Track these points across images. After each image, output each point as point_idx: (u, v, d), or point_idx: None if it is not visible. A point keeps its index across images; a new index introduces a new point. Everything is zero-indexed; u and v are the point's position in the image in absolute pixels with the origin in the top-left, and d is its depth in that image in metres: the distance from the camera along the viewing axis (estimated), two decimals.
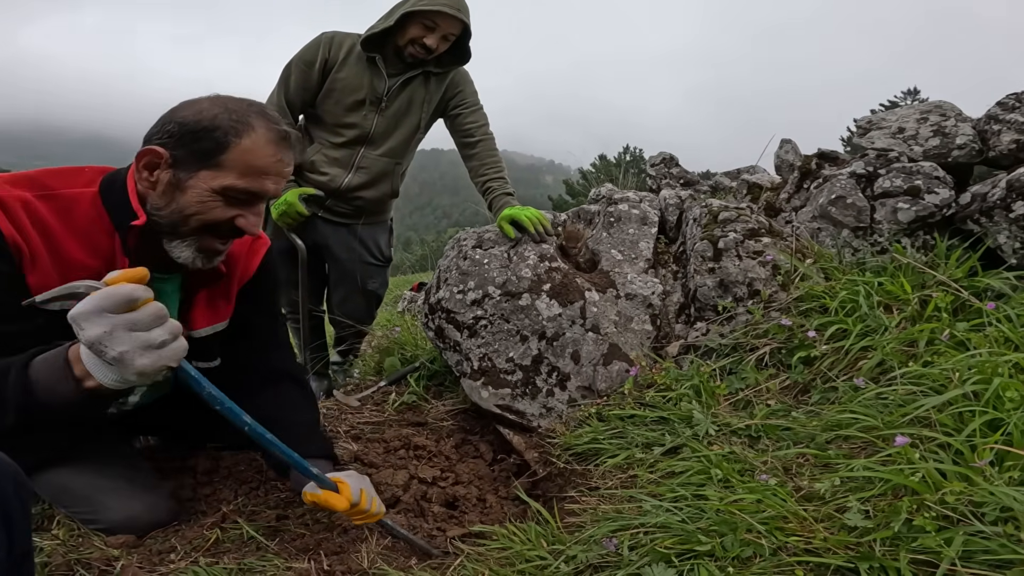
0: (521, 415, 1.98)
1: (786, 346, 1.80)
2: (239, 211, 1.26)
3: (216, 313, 1.51)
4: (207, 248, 1.29)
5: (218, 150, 1.21)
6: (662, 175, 3.82)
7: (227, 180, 1.22)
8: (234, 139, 1.21)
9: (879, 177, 2.18)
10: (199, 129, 1.21)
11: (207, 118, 1.22)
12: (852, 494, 1.18)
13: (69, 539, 1.45)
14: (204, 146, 1.21)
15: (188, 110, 1.24)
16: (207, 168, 1.22)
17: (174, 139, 1.22)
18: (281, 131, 1.27)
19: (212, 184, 1.22)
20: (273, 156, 1.25)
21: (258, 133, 1.23)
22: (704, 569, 1.10)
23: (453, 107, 2.52)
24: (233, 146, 1.21)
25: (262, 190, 1.26)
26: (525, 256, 2.17)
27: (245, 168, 1.22)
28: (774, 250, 2.05)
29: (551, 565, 1.27)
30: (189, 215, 1.24)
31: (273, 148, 1.25)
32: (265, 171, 1.25)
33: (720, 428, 1.58)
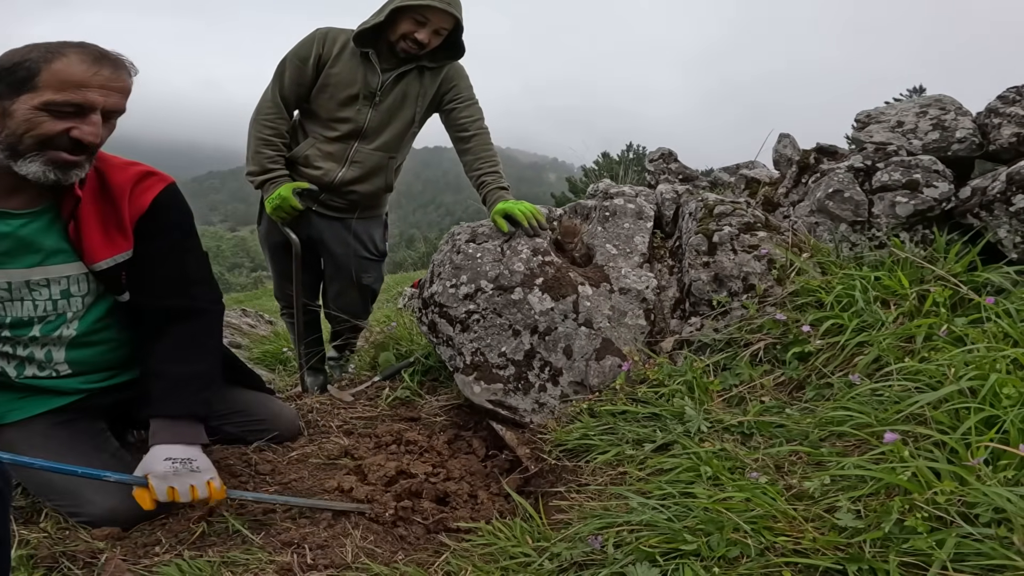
0: (513, 410, 1.96)
1: (781, 341, 1.77)
2: (71, 123, 1.35)
3: (113, 244, 1.54)
4: (55, 160, 1.37)
5: (31, 76, 1.32)
6: (661, 170, 3.78)
7: (44, 96, 1.32)
8: (44, 64, 1.33)
9: (877, 171, 2.14)
10: (11, 65, 1.33)
11: (20, 55, 1.35)
12: (843, 493, 1.16)
13: (56, 531, 1.44)
14: (19, 75, 1.32)
15: (4, 55, 1.37)
16: (26, 92, 1.32)
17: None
18: (96, 50, 1.38)
19: (33, 103, 1.32)
20: (88, 70, 1.35)
21: (70, 57, 1.34)
22: (689, 568, 1.08)
23: (448, 102, 2.51)
24: (44, 70, 1.32)
25: (84, 100, 1.35)
26: (518, 250, 2.15)
27: (60, 84, 1.32)
28: (770, 244, 2.02)
29: (535, 562, 1.25)
30: (21, 133, 1.34)
31: (87, 65, 1.35)
32: (83, 83, 1.34)
33: (712, 425, 1.55)
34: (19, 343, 1.55)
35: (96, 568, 1.30)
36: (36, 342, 1.56)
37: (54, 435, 1.55)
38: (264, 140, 2.38)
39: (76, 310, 1.57)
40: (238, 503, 1.61)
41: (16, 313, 1.51)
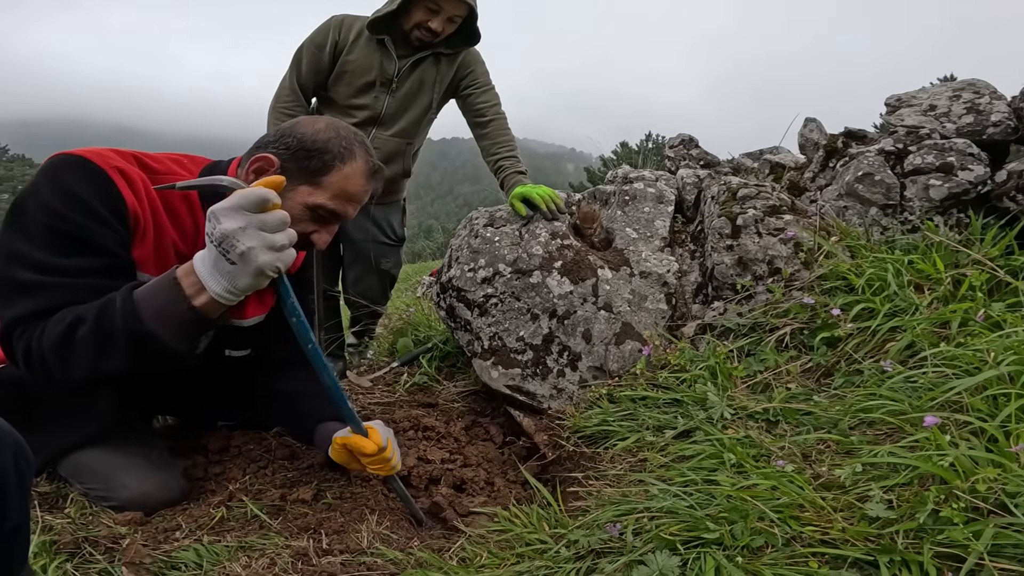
0: (531, 396, 1.93)
1: (808, 326, 1.71)
2: (317, 227, 1.36)
3: (263, 304, 1.56)
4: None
5: (323, 170, 1.32)
6: (681, 156, 3.70)
7: (321, 199, 1.33)
8: (339, 163, 1.33)
9: (910, 154, 2.08)
10: (313, 148, 1.32)
11: (322, 140, 1.33)
12: (875, 482, 1.11)
13: (79, 517, 1.45)
14: (313, 164, 1.32)
15: (307, 128, 1.35)
16: (308, 184, 1.32)
17: (289, 151, 1.33)
18: (374, 164, 1.40)
19: (308, 200, 1.32)
20: (363, 186, 1.37)
21: (357, 163, 1.35)
22: (711, 558, 1.04)
23: (464, 87, 2.49)
24: (335, 170, 1.33)
25: (344, 213, 1.37)
26: (536, 233, 2.11)
27: (338, 192, 1.34)
28: (796, 227, 1.95)
29: (551, 549, 1.22)
30: None
31: (365, 179, 1.37)
32: (352, 197, 1.36)
33: (736, 411, 1.50)
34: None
35: (118, 553, 1.30)
36: None
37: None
38: None
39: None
40: (257, 487, 1.61)
41: None
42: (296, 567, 1.27)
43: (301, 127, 1.36)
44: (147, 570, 1.25)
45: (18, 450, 0.90)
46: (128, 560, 1.26)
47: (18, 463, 0.89)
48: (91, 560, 1.28)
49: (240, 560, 1.28)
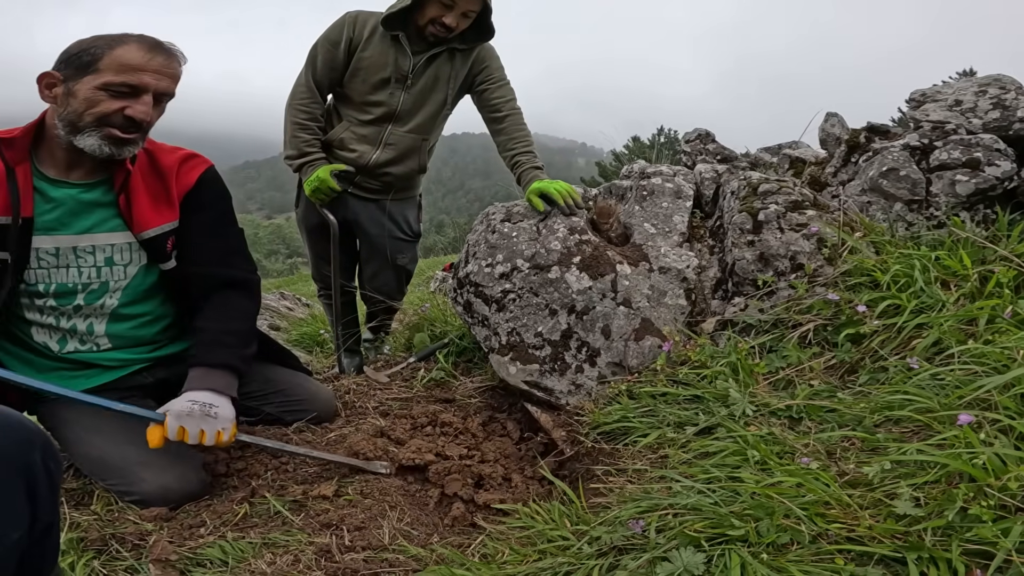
0: (549, 392, 1.92)
1: (832, 323, 1.69)
2: (125, 102, 1.47)
3: (161, 215, 1.65)
4: (109, 136, 1.48)
5: (94, 60, 1.45)
6: (697, 151, 3.68)
7: (104, 78, 1.45)
8: (107, 50, 1.46)
9: (935, 149, 2.05)
10: (79, 51, 1.47)
11: (87, 41, 1.48)
12: (902, 480, 1.10)
13: (106, 514, 1.47)
14: (84, 59, 1.46)
15: (73, 43, 1.50)
16: (89, 74, 1.46)
17: (63, 63, 1.48)
18: (152, 40, 1.51)
19: (94, 84, 1.45)
20: (144, 55, 1.48)
21: (129, 45, 1.48)
22: (736, 555, 1.04)
23: (480, 83, 2.48)
24: (106, 55, 1.46)
25: (139, 82, 1.47)
26: (554, 229, 2.10)
27: (118, 67, 1.45)
28: (819, 223, 1.93)
29: (573, 546, 1.22)
30: (82, 111, 1.46)
31: (144, 51, 1.48)
32: (139, 67, 1.47)
33: (758, 408, 1.49)
34: (63, 314, 1.61)
35: (144, 550, 1.31)
36: (79, 312, 1.63)
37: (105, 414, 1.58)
38: (300, 124, 2.39)
39: (118, 279, 1.64)
40: (279, 483, 1.62)
41: (61, 279, 1.59)
42: (319, 564, 1.28)
43: (71, 44, 1.50)
44: (173, 567, 1.26)
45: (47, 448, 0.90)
46: (155, 557, 1.27)
47: (47, 462, 0.89)
48: (118, 557, 1.29)
49: (264, 557, 1.29)
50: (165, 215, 1.66)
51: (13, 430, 0.86)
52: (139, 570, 1.25)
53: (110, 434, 1.56)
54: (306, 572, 1.24)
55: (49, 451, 0.91)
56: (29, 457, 0.87)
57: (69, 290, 1.60)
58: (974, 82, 2.39)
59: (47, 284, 1.58)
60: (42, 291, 1.58)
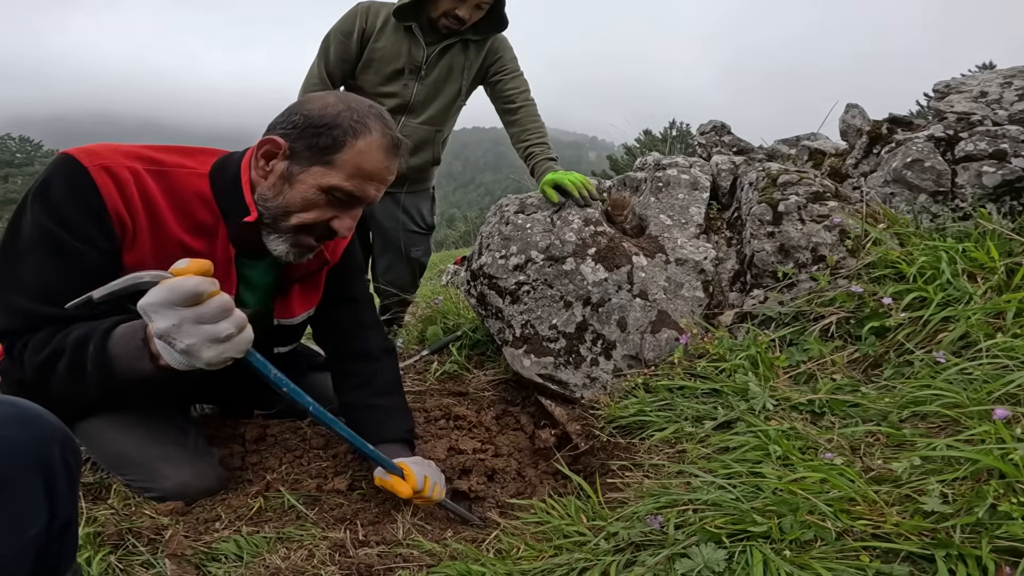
0: (564, 385, 1.90)
1: (855, 316, 1.65)
2: (337, 212, 1.28)
3: (309, 299, 1.54)
4: (301, 244, 1.31)
5: (334, 147, 1.22)
6: (712, 143, 3.62)
7: (335, 180, 1.23)
8: (351, 139, 1.22)
9: (960, 140, 2.01)
10: (321, 124, 1.22)
11: (331, 114, 1.23)
12: (929, 477, 1.07)
13: (123, 508, 1.46)
14: (322, 141, 1.22)
15: (315, 104, 1.25)
16: (320, 164, 1.23)
17: (296, 130, 1.24)
18: (394, 138, 1.28)
19: (321, 181, 1.23)
20: (382, 163, 1.26)
21: (373, 137, 1.24)
22: (758, 551, 1.01)
23: (493, 74, 2.46)
24: (348, 146, 1.22)
25: (363, 194, 1.27)
26: (569, 220, 2.07)
27: (354, 170, 1.23)
28: (842, 214, 1.89)
29: (590, 541, 1.20)
30: (292, 211, 1.26)
31: (383, 155, 1.26)
32: (371, 176, 1.26)
33: (779, 402, 1.46)
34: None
35: (160, 545, 1.31)
36: None
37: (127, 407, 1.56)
38: None
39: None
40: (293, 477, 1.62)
41: None
42: (334, 559, 1.27)
43: (309, 103, 1.26)
44: (189, 562, 1.26)
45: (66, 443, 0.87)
46: (170, 552, 1.27)
47: (66, 457, 0.87)
48: (134, 552, 1.29)
49: (279, 552, 1.28)
50: (312, 298, 1.55)
51: (32, 425, 0.84)
52: (155, 565, 1.25)
53: (131, 429, 1.53)
54: (320, 567, 1.23)
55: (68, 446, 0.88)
56: (48, 452, 0.85)
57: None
58: (999, 73, 2.34)
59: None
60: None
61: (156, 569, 1.24)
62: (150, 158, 1.28)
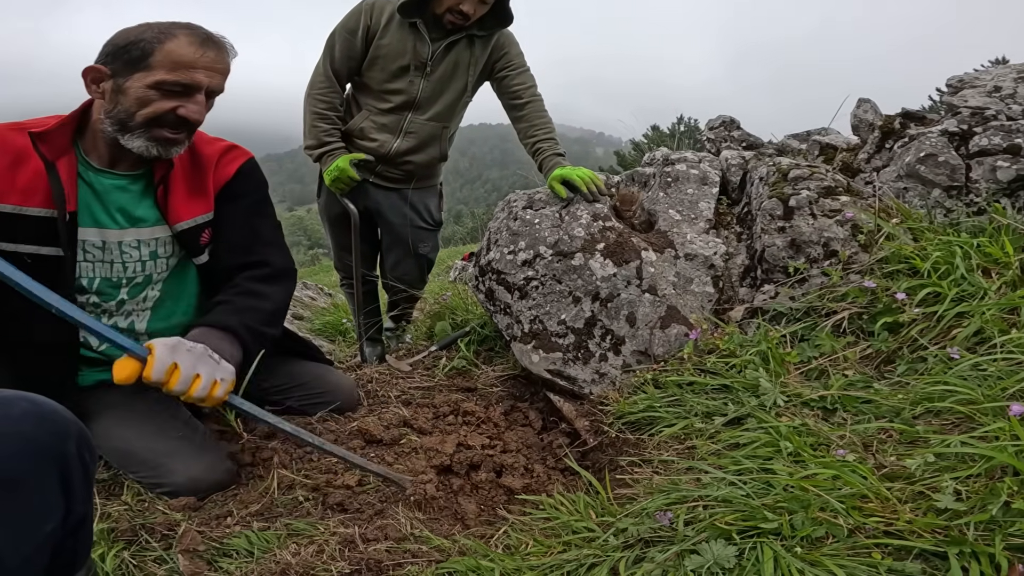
0: (572, 381, 1.90)
1: (868, 311, 1.64)
2: (178, 102, 1.43)
3: (195, 206, 1.62)
4: (158, 137, 1.45)
5: (145, 55, 1.39)
6: (722, 138, 3.60)
7: (157, 76, 1.39)
8: (157, 45, 1.39)
9: (975, 135, 1.99)
10: (127, 43, 1.40)
11: (134, 33, 1.41)
12: (943, 474, 1.06)
13: (136, 504, 1.47)
14: (133, 54, 1.39)
15: (119, 34, 1.43)
16: (139, 71, 1.40)
17: (110, 56, 1.41)
18: (203, 33, 1.44)
19: (145, 81, 1.39)
20: (196, 51, 1.41)
21: (179, 38, 1.41)
22: (768, 548, 1.00)
23: (499, 69, 2.45)
24: (157, 50, 1.39)
25: (192, 81, 1.42)
26: (577, 215, 2.07)
27: (171, 64, 1.39)
28: (854, 209, 1.87)
29: (599, 537, 1.19)
30: (133, 111, 1.41)
31: (195, 47, 1.41)
32: (191, 64, 1.41)
33: (790, 399, 1.45)
34: (104, 311, 1.58)
35: (173, 540, 1.32)
36: (121, 309, 1.60)
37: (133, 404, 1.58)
38: (319, 114, 2.38)
39: (160, 271, 1.63)
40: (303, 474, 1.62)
41: (106, 274, 1.56)
42: (343, 554, 1.27)
43: (114, 36, 1.43)
44: (201, 557, 1.27)
45: (81, 439, 0.88)
46: (183, 548, 1.27)
47: (82, 453, 0.88)
48: (147, 548, 1.30)
49: (289, 547, 1.28)
50: (199, 207, 1.62)
51: (48, 421, 0.85)
52: (168, 561, 1.26)
53: (138, 426, 1.55)
54: (330, 563, 1.23)
55: (84, 442, 0.89)
56: (64, 447, 0.85)
57: (113, 284, 1.57)
58: (1012, 68, 2.33)
59: (91, 279, 1.54)
60: (85, 286, 1.54)
61: (169, 565, 1.25)
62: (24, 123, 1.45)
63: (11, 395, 0.84)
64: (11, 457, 0.78)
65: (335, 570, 1.21)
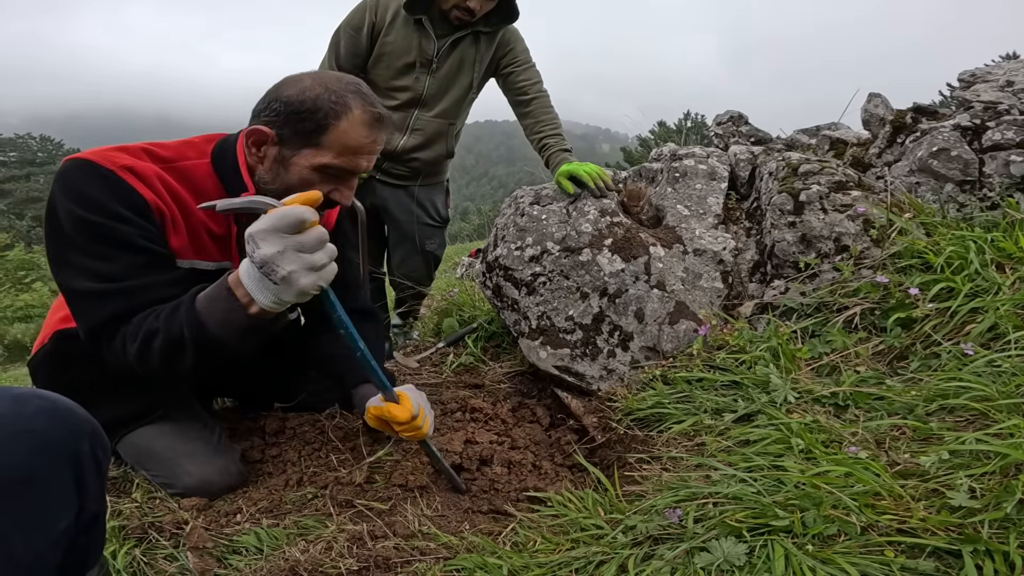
0: (580, 377, 1.89)
1: (880, 307, 1.62)
2: (335, 186, 1.36)
3: None
4: None
5: (319, 131, 1.30)
6: (730, 134, 3.57)
7: (326, 159, 1.31)
8: (333, 121, 1.30)
9: (988, 129, 1.97)
10: (303, 110, 1.29)
11: (309, 99, 1.30)
12: (957, 471, 1.04)
13: (146, 502, 1.48)
14: (306, 127, 1.30)
15: (292, 89, 1.32)
16: (309, 147, 1.31)
17: (280, 118, 1.31)
18: (376, 113, 1.35)
19: (313, 162, 1.31)
20: (367, 137, 1.33)
21: (355, 115, 1.31)
22: (779, 546, 0.99)
23: (505, 66, 2.44)
24: (332, 128, 1.30)
25: (355, 168, 1.35)
26: (585, 211, 2.06)
27: (342, 148, 1.31)
28: (866, 203, 1.85)
29: (607, 535, 1.19)
30: (293, 190, 1.31)
31: (367, 130, 1.33)
32: (359, 151, 1.34)
33: (801, 395, 1.43)
34: None
35: (182, 538, 1.32)
36: None
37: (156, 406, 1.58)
38: None
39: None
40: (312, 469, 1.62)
41: None
42: (352, 551, 1.27)
43: (286, 88, 1.33)
44: (210, 555, 1.27)
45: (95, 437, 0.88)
46: (192, 545, 1.28)
47: (95, 451, 0.88)
48: (157, 546, 1.30)
49: (298, 544, 1.28)
50: None
51: (63, 418, 0.84)
52: (178, 558, 1.26)
53: (158, 424, 1.55)
54: (339, 560, 1.23)
55: (98, 440, 0.89)
56: (78, 445, 0.85)
57: None
58: None
59: None
60: None
61: (179, 562, 1.25)
62: (156, 155, 1.36)
63: (26, 392, 0.83)
64: (25, 454, 0.78)
65: (344, 567, 1.21)
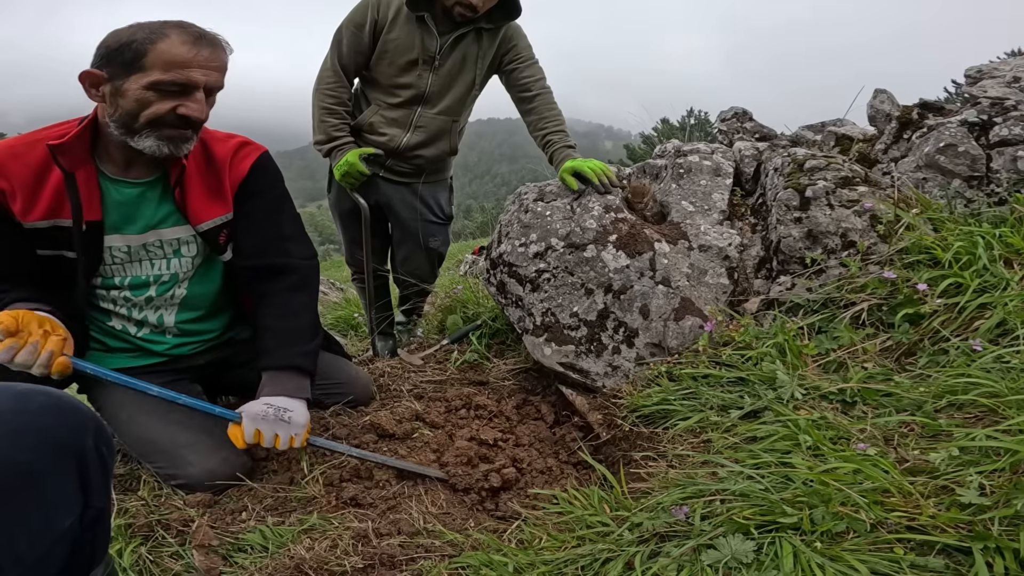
0: (585, 374, 1.88)
1: (888, 302, 1.61)
2: (177, 101, 1.43)
3: (214, 207, 1.64)
4: (167, 136, 1.46)
5: (139, 56, 1.39)
6: (734, 130, 3.55)
7: (153, 77, 1.40)
8: (149, 45, 1.40)
9: (995, 125, 1.96)
10: (119, 45, 1.40)
11: (126, 35, 1.41)
12: (967, 468, 1.03)
13: (152, 499, 1.48)
14: (127, 57, 1.40)
15: (112, 36, 1.43)
16: (135, 72, 1.40)
17: (105, 60, 1.42)
18: (195, 31, 1.45)
19: (142, 82, 1.40)
20: (189, 52, 1.41)
21: (171, 38, 1.41)
22: (787, 543, 0.99)
23: (508, 62, 2.43)
24: (150, 51, 1.39)
25: (188, 80, 1.42)
26: (589, 207, 2.05)
27: (166, 64, 1.40)
28: (872, 199, 1.83)
29: (613, 532, 1.18)
30: (135, 113, 1.42)
31: (187, 46, 1.42)
32: (186, 63, 1.41)
33: (808, 392, 1.42)
34: (135, 305, 1.66)
35: (188, 535, 1.32)
36: (150, 304, 1.67)
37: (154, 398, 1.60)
38: (327, 109, 2.37)
39: (186, 269, 1.67)
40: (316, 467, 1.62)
41: (135, 273, 1.63)
42: (357, 549, 1.27)
43: (108, 38, 1.43)
44: (216, 552, 1.27)
45: (99, 434, 0.88)
46: (198, 543, 1.28)
47: (100, 447, 0.88)
48: (163, 543, 1.30)
49: (303, 542, 1.28)
50: (218, 207, 1.64)
51: (67, 415, 0.84)
52: (184, 556, 1.26)
53: (160, 415, 1.58)
54: (344, 557, 1.23)
55: (102, 437, 0.89)
56: (82, 442, 0.85)
57: (142, 282, 1.64)
58: None
59: (122, 277, 1.62)
60: (117, 283, 1.62)
61: (185, 560, 1.25)
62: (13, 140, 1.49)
63: (31, 389, 0.83)
64: (29, 451, 0.78)
65: (349, 564, 1.21)
